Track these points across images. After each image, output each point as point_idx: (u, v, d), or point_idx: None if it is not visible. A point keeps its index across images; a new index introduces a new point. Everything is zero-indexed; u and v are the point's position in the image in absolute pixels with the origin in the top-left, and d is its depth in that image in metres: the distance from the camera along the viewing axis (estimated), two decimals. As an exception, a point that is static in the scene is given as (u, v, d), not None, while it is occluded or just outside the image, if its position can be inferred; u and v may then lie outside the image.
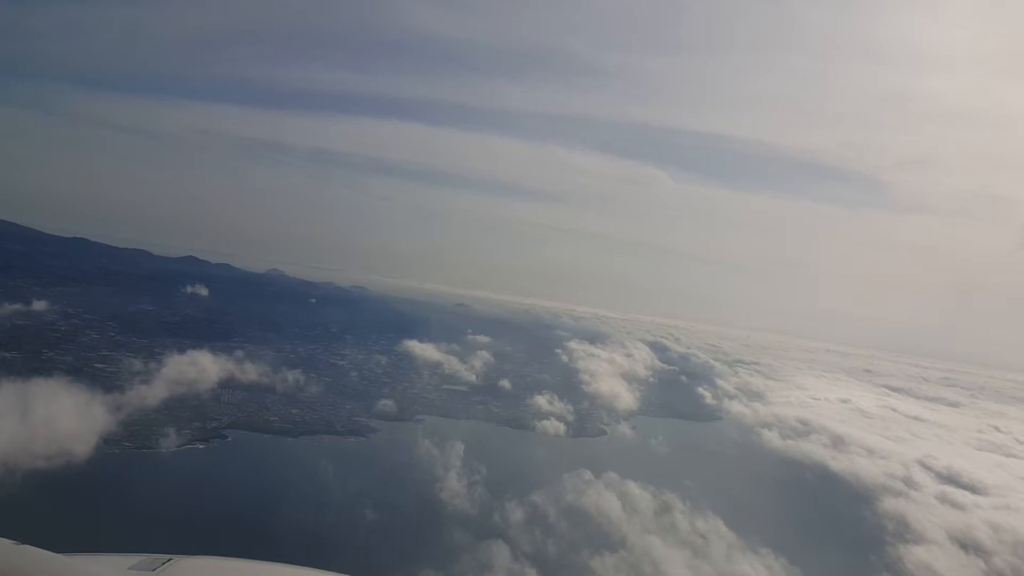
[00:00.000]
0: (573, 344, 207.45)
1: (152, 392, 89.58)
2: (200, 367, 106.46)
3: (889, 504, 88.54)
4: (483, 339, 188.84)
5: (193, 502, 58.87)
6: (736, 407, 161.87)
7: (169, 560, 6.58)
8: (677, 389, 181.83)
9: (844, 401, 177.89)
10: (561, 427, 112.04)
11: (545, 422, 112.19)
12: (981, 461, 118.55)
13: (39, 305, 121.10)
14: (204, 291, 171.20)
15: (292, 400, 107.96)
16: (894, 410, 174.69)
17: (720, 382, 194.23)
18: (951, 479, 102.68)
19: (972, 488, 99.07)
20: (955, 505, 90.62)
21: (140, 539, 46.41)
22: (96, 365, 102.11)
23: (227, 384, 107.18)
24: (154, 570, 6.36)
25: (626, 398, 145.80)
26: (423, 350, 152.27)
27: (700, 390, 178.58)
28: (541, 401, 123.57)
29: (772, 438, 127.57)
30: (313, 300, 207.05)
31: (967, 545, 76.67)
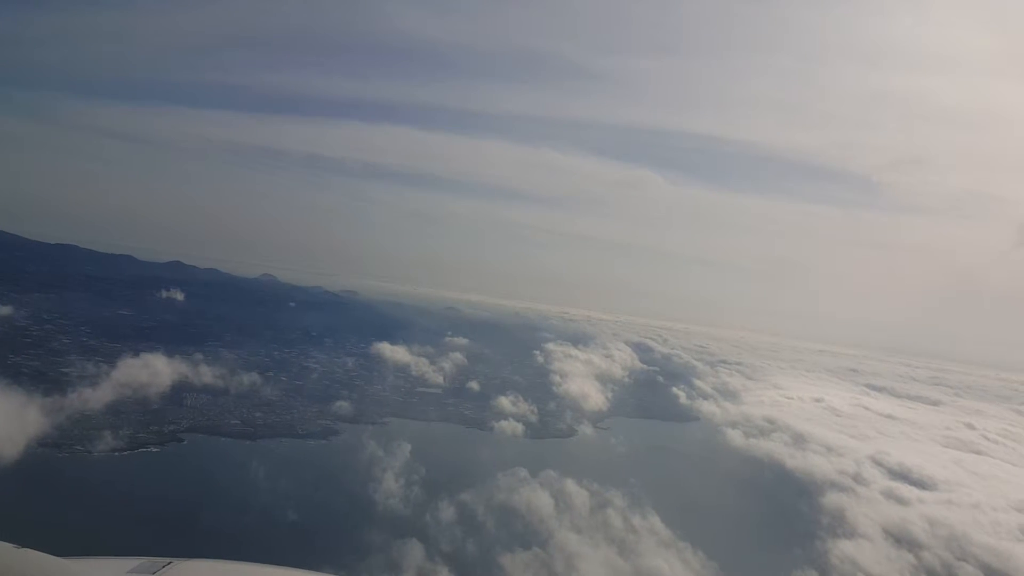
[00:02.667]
0: (552, 346, 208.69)
1: (110, 396, 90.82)
2: (164, 371, 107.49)
3: (832, 500, 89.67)
4: (461, 341, 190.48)
5: (125, 505, 59.98)
6: (708, 407, 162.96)
7: (169, 563, 6.70)
8: (652, 389, 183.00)
9: (817, 400, 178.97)
10: (519, 428, 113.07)
11: (503, 423, 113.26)
12: (940, 457, 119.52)
13: (5, 310, 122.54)
14: (180, 295, 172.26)
15: (256, 403, 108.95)
16: (867, 408, 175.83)
17: (698, 382, 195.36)
18: (901, 475, 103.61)
19: (921, 484, 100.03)
20: (899, 500, 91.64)
21: (50, 542, 47.93)
22: (62, 370, 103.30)
23: (192, 388, 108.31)
24: (154, 574, 6.46)
25: (596, 399, 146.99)
26: (393, 352, 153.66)
27: (675, 390, 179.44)
28: (505, 402, 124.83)
29: (735, 437, 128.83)
30: (293, 304, 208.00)
31: (901, 539, 77.86)
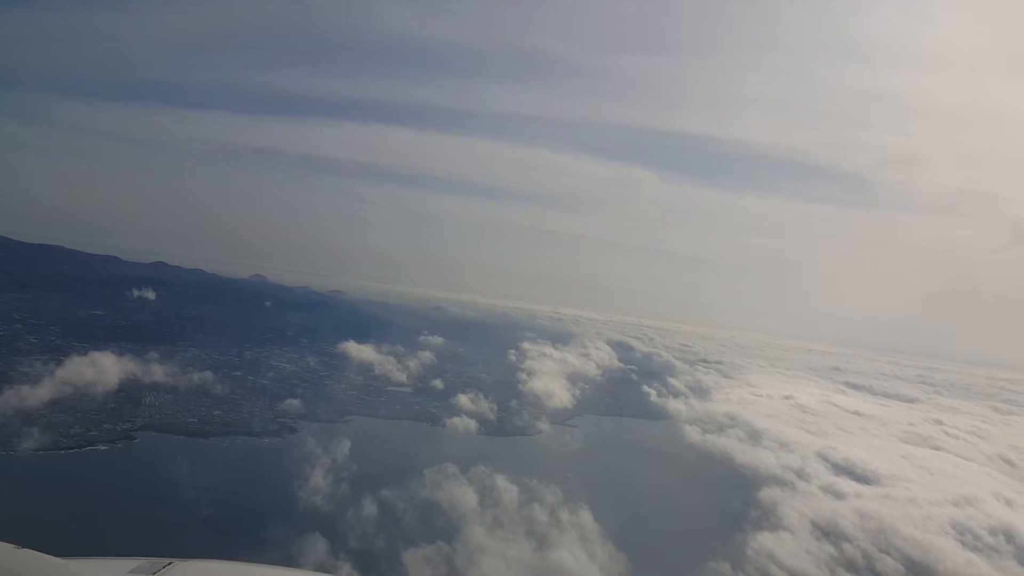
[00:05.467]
0: (527, 344, 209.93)
1: (62, 394, 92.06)
2: (125, 370, 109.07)
3: (767, 494, 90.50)
4: (436, 340, 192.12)
5: (51, 504, 60.90)
6: (676, 405, 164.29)
7: (169, 564, 6.76)
8: (624, 388, 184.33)
9: (786, 397, 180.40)
10: (472, 424, 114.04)
11: (456, 419, 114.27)
12: (892, 453, 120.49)
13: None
14: (151, 295, 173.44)
15: (217, 402, 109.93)
16: (835, 405, 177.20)
17: (672, 381, 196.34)
18: (846, 470, 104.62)
19: (864, 479, 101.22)
20: (836, 495, 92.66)
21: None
22: (22, 369, 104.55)
23: (151, 386, 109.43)
24: (154, 574, 6.51)
25: (561, 397, 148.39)
26: (360, 351, 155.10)
27: (647, 388, 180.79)
28: (464, 400, 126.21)
29: (693, 433, 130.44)
30: (268, 304, 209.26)
31: (827, 532, 79.01)
